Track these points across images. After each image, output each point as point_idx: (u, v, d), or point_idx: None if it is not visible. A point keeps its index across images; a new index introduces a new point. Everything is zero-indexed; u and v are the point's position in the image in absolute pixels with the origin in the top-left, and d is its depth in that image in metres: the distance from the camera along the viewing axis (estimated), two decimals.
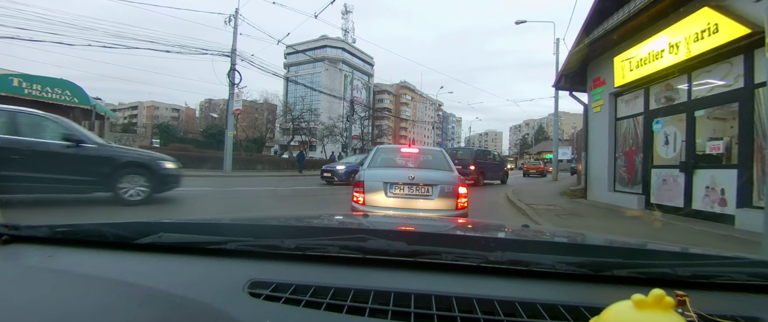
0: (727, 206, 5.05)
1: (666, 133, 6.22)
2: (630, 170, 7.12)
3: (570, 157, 41.33)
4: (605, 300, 0.44)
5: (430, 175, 3.85)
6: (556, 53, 19.47)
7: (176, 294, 0.53)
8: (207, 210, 6.06)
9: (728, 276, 0.66)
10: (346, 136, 32.79)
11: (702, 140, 5.60)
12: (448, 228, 1.25)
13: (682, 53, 5.51)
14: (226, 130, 17.40)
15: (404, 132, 73.11)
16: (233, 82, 17.31)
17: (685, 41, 5.44)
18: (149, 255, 0.70)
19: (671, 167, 6.06)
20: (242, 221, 0.98)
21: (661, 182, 6.27)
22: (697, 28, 5.24)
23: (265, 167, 21.03)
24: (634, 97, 7.05)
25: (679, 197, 5.82)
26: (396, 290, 0.57)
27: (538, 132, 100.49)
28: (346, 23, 63.21)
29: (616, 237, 1.21)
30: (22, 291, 0.52)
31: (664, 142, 6.26)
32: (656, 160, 6.45)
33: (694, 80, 5.71)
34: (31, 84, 17.45)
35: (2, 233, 0.74)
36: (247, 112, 41.27)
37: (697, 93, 5.67)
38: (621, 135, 7.45)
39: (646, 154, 6.65)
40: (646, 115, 6.67)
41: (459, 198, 3.67)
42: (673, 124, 6.13)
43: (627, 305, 0.39)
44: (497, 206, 8.16)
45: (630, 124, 7.17)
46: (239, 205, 6.73)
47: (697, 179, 5.55)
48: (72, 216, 4.54)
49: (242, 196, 8.17)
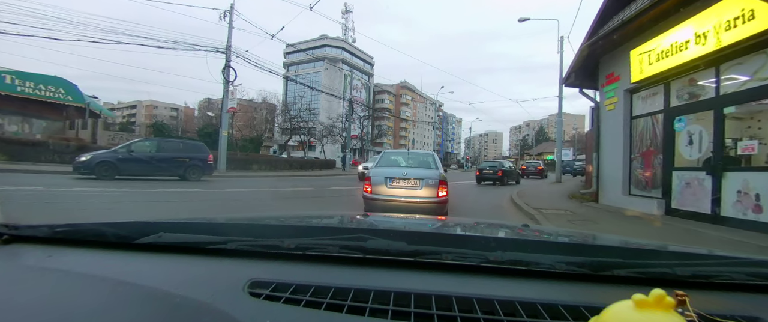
0: (762, 212, 4.52)
1: (690, 133, 5.69)
2: (648, 172, 6.59)
3: (571, 158, 40.87)
4: (605, 300, 0.44)
5: (418, 172, 5.24)
6: (560, 52, 19.02)
7: (176, 294, 0.52)
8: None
9: (728, 276, 0.65)
10: (345, 136, 32.28)
11: (732, 140, 5.08)
12: (449, 228, 1.25)
13: (711, 44, 4.98)
14: (221, 129, 16.89)
15: (404, 132, 72.75)
16: (228, 80, 16.81)
17: (714, 30, 4.92)
18: (149, 255, 0.71)
19: (696, 169, 5.53)
20: (242, 221, 0.98)
21: (683, 185, 5.74)
22: (729, 16, 4.71)
23: (262, 167, 20.48)
24: (653, 93, 6.52)
25: (705, 202, 5.29)
26: (396, 290, 0.57)
27: (538, 133, 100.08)
28: (346, 23, 62.81)
29: (616, 237, 1.21)
30: (22, 291, 0.52)
31: (687, 142, 5.73)
32: (678, 161, 5.91)
33: (723, 74, 5.19)
34: (25, 81, 17.03)
35: (2, 233, 0.74)
36: (245, 111, 40.83)
37: (727, 88, 5.15)
38: (637, 134, 6.91)
39: (666, 155, 6.12)
40: (667, 113, 6.14)
41: (439, 189, 5.02)
42: (697, 122, 5.60)
43: (627, 305, 0.39)
44: (502, 210, 7.64)
45: (647, 122, 6.64)
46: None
47: (726, 183, 5.02)
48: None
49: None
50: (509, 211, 7.46)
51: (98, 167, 8.68)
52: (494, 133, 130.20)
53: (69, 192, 6.33)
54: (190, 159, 10.37)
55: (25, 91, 16.77)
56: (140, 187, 7.77)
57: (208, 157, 10.89)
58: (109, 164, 8.87)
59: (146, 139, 11.98)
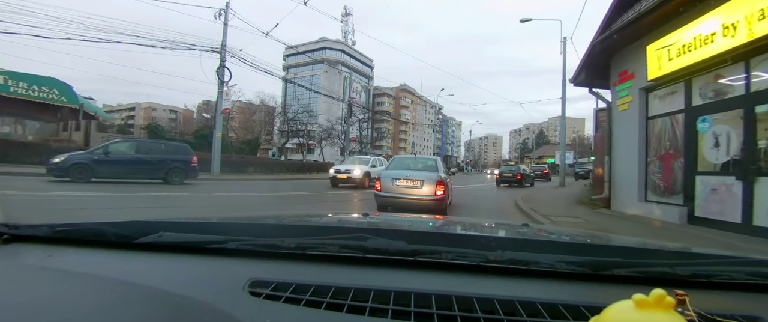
0: None
1: (715, 134, 5.21)
2: (667, 176, 6.10)
3: (572, 161, 40.56)
4: (605, 299, 0.44)
5: (420, 174, 6.14)
6: (563, 52, 18.64)
7: (176, 293, 0.52)
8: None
9: (727, 275, 0.66)
10: (344, 139, 31.82)
11: (766, 142, 4.60)
12: (449, 227, 1.27)
13: (742, 36, 4.50)
14: (214, 130, 16.42)
15: (404, 135, 72.40)
16: (223, 80, 16.35)
17: (745, 20, 4.44)
18: (149, 254, 0.70)
19: (723, 174, 5.04)
20: (242, 220, 0.97)
21: (709, 191, 5.25)
22: (763, 4, 4.25)
23: (257, 169, 19.98)
24: (672, 92, 6.04)
25: (734, 210, 4.79)
26: (396, 289, 0.57)
27: (538, 136, 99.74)
28: (345, 25, 62.55)
29: (616, 236, 1.29)
30: (22, 291, 0.52)
31: (712, 145, 5.25)
32: (702, 165, 5.42)
33: (753, 69, 4.71)
34: (18, 82, 16.55)
35: (2, 233, 0.74)
36: (242, 113, 40.38)
37: (758, 85, 4.66)
38: (654, 136, 6.43)
39: (688, 158, 5.63)
40: (688, 113, 5.66)
41: (437, 188, 5.90)
42: (724, 122, 5.11)
43: (627, 305, 0.38)
44: (510, 217, 7.14)
45: (666, 123, 6.15)
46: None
47: (759, 189, 4.53)
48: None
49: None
50: (517, 218, 6.97)
51: (72, 168, 8.16)
52: (494, 137, 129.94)
53: (32, 197, 5.79)
54: (172, 161, 9.86)
55: (18, 92, 16.36)
56: (114, 190, 7.24)
57: (192, 160, 10.42)
58: (84, 166, 8.35)
59: (124, 140, 11.47)
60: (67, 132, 19.06)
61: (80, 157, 8.60)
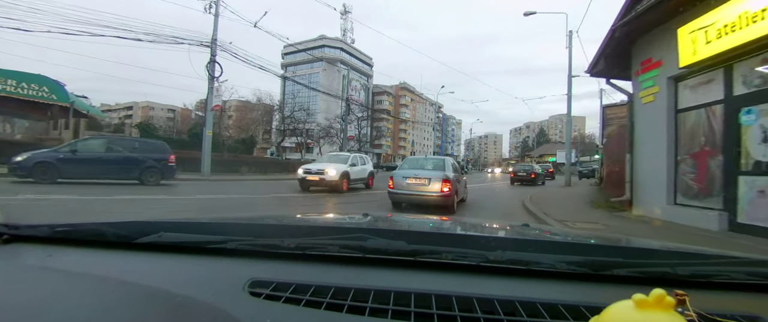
0: None
1: (764, 127, 4.48)
2: (702, 177, 5.36)
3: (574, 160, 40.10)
4: (605, 300, 0.44)
5: (428, 173, 6.84)
6: (569, 47, 17.91)
7: (177, 293, 0.52)
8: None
9: (727, 275, 0.65)
10: (342, 138, 31.09)
11: None
12: (449, 227, 1.28)
13: None
14: (205, 128, 15.69)
15: (403, 134, 71.70)
16: (213, 76, 15.62)
17: None
18: (149, 254, 0.70)
19: None
20: (242, 221, 0.98)
21: (755, 194, 4.52)
22: None
23: (251, 169, 19.24)
24: (707, 80, 5.31)
25: None
26: (396, 290, 0.56)
27: (538, 135, 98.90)
28: (344, 24, 61.77)
29: (616, 236, 1.29)
30: (22, 291, 0.51)
31: (760, 140, 4.51)
32: (746, 164, 4.70)
33: None
34: (6, 80, 15.82)
35: (2, 233, 0.73)
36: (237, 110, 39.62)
37: None
38: (685, 131, 5.69)
39: (728, 156, 4.89)
40: (729, 104, 4.92)
41: (443, 186, 6.47)
42: None
43: (628, 305, 0.39)
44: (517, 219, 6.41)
45: (700, 116, 5.42)
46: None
47: None
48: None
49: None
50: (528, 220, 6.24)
51: (36, 168, 7.46)
52: (494, 135, 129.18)
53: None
54: (148, 160, 9.22)
55: (7, 90, 15.70)
56: (77, 192, 6.53)
57: (170, 158, 9.79)
58: (49, 166, 7.64)
59: (94, 138, 10.79)
60: (58, 131, 18.45)
61: (44, 155, 7.86)
